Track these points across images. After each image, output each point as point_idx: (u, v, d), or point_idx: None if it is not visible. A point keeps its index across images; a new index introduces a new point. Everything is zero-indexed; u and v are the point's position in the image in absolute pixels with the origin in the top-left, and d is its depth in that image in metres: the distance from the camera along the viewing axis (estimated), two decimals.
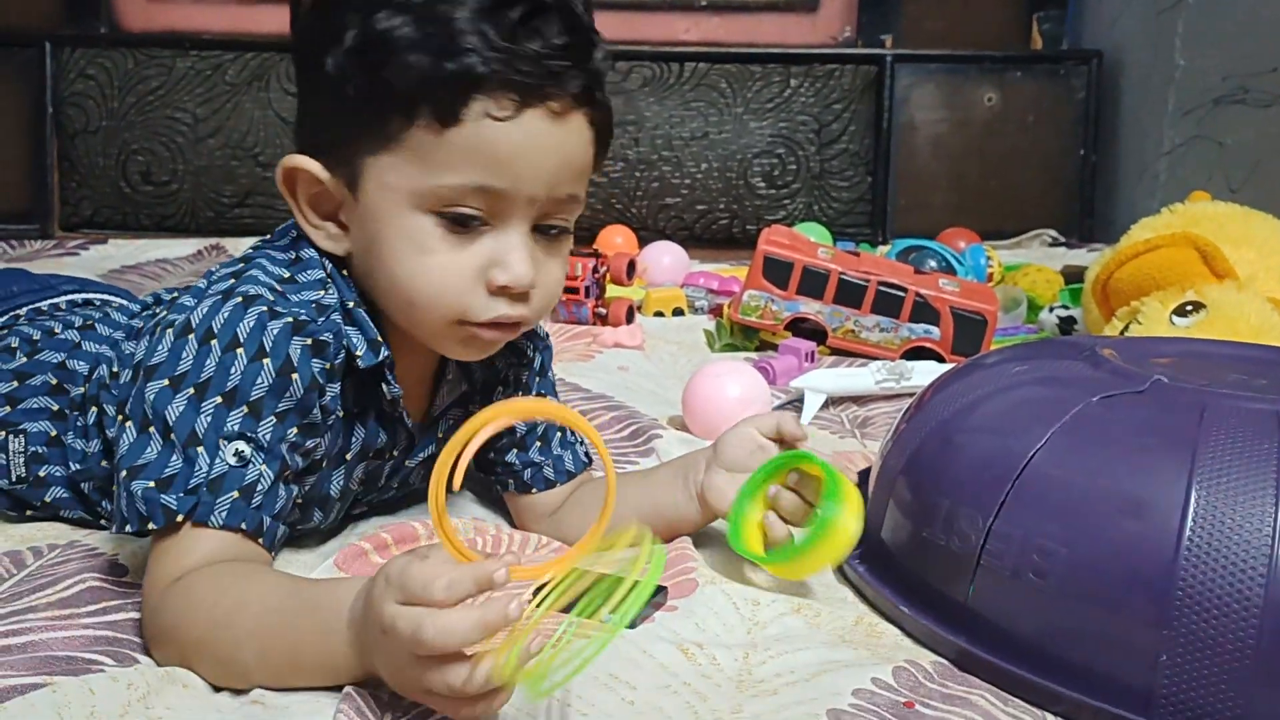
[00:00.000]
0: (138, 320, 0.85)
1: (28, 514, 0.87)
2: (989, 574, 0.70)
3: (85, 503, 0.85)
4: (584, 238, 2.36)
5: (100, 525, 0.85)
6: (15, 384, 0.85)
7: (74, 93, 2.54)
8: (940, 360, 1.53)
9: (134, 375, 0.71)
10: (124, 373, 0.77)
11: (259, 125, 2.55)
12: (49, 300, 0.97)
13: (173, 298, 0.83)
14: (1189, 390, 0.72)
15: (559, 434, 0.91)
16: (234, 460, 0.68)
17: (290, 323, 0.70)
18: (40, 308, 0.96)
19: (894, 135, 2.68)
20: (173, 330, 0.70)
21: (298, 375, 0.70)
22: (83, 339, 0.86)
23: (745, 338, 1.66)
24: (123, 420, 0.70)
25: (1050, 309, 1.75)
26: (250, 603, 0.63)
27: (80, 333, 0.87)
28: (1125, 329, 1.33)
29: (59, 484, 0.85)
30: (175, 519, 0.66)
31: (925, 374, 1.32)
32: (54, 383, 0.84)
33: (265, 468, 0.69)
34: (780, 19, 2.75)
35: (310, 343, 0.70)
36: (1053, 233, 2.65)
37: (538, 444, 0.90)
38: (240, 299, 0.70)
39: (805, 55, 2.68)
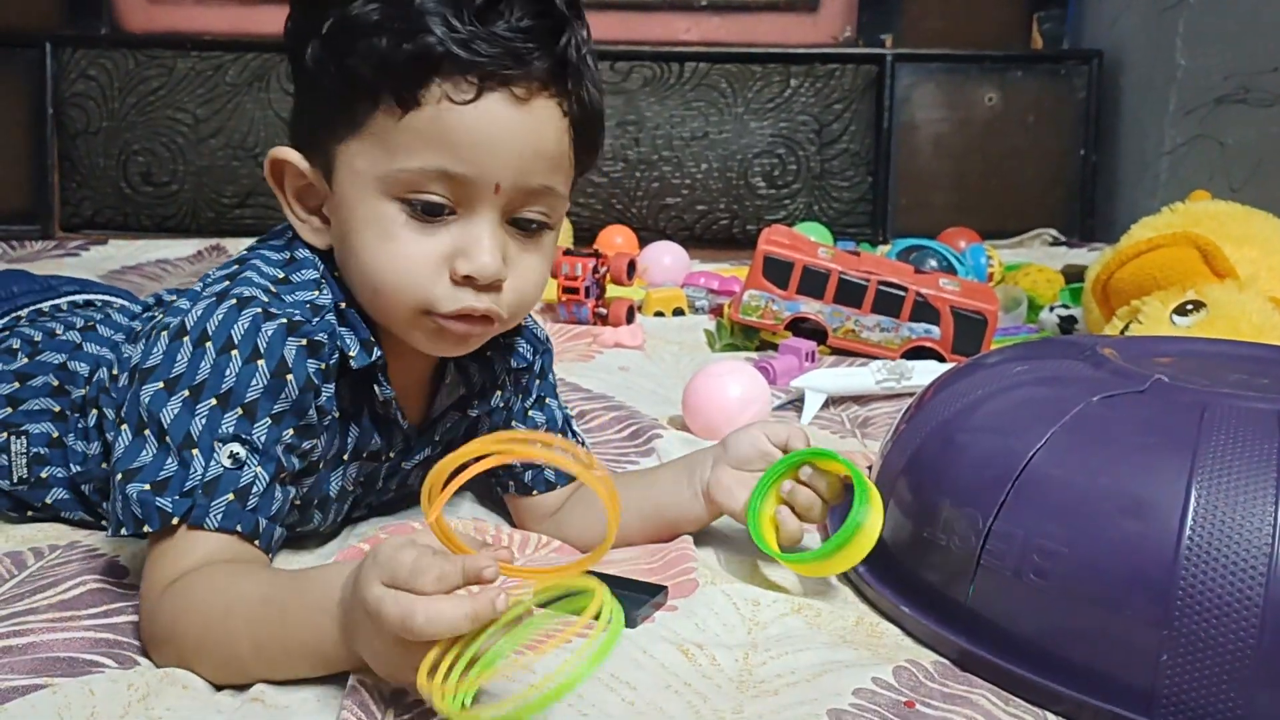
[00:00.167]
0: (138, 322, 0.85)
1: (29, 515, 0.87)
2: (990, 574, 0.70)
3: (86, 504, 0.85)
4: (584, 238, 2.36)
5: (101, 526, 0.85)
6: (17, 385, 0.85)
7: (75, 93, 2.55)
8: (941, 360, 1.53)
9: (129, 378, 0.71)
10: (123, 376, 0.77)
11: (260, 126, 2.55)
12: (50, 301, 0.97)
13: (171, 300, 0.83)
14: (1190, 390, 0.72)
15: (559, 436, 0.91)
16: (229, 462, 0.68)
17: (285, 324, 0.69)
18: (41, 309, 0.96)
19: (894, 135, 2.68)
20: (167, 333, 0.70)
21: (293, 376, 0.69)
22: (84, 340, 0.86)
23: (746, 338, 1.66)
24: (119, 423, 0.70)
25: (1051, 308, 1.75)
26: (244, 596, 0.63)
27: (81, 334, 0.87)
28: (1126, 328, 1.33)
29: (60, 485, 0.85)
30: (171, 522, 0.66)
31: (926, 374, 1.32)
32: (55, 384, 0.84)
33: (261, 470, 0.69)
34: (780, 19, 2.75)
35: (305, 343, 0.70)
36: (1053, 232, 2.65)
37: None
38: (235, 301, 0.69)
39: (806, 55, 2.68)
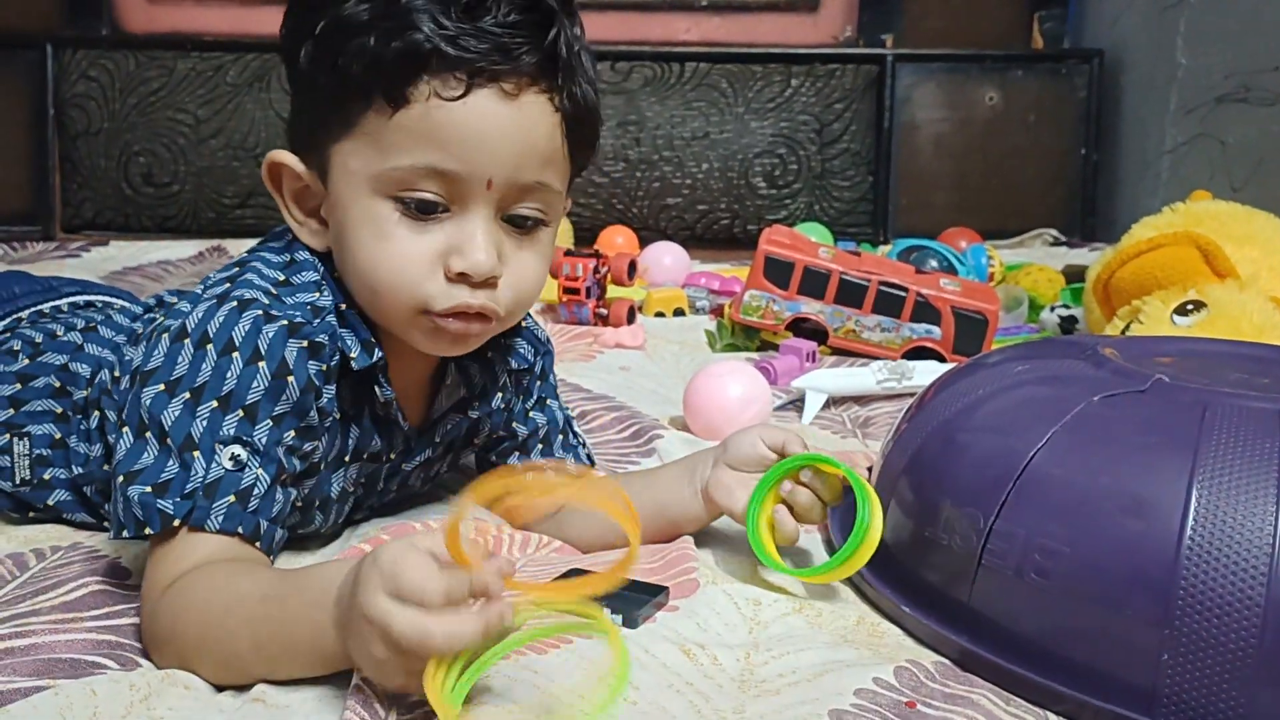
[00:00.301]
0: (139, 324, 0.85)
1: (30, 516, 0.87)
2: (991, 573, 0.70)
3: (88, 506, 0.85)
4: (585, 238, 2.36)
5: (103, 528, 0.85)
6: (19, 386, 0.85)
7: (75, 94, 2.55)
8: (942, 360, 1.53)
9: (131, 380, 0.71)
10: (124, 378, 0.77)
11: (260, 126, 2.56)
12: (51, 302, 0.97)
13: (173, 301, 0.83)
14: (1190, 389, 0.72)
15: (561, 437, 0.91)
16: (230, 464, 0.68)
17: (285, 325, 0.69)
18: (42, 310, 0.96)
19: (895, 135, 2.68)
20: (168, 335, 0.70)
21: (293, 378, 0.69)
22: (85, 341, 0.86)
23: (746, 338, 1.66)
24: (121, 426, 0.70)
25: (1052, 308, 1.75)
26: (244, 595, 0.63)
27: (83, 335, 0.87)
28: (1127, 328, 1.33)
29: (62, 487, 0.85)
30: (172, 524, 0.66)
31: (926, 374, 1.32)
32: (57, 385, 0.84)
33: (262, 471, 0.69)
34: (781, 19, 2.75)
35: (306, 345, 0.70)
36: (1054, 232, 2.65)
37: (540, 447, 0.89)
38: (235, 303, 0.70)
39: (806, 55, 2.68)
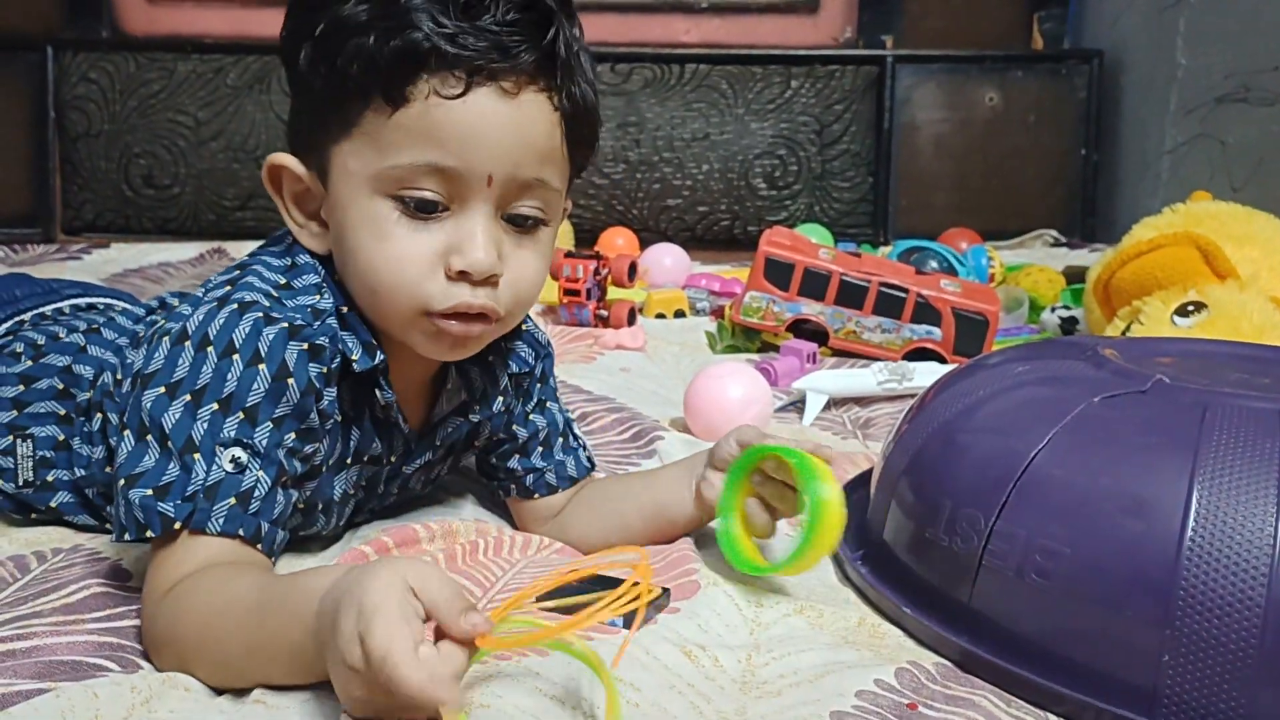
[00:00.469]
0: (141, 326, 0.85)
1: (32, 517, 0.87)
2: (991, 574, 0.70)
3: (90, 508, 0.85)
4: (585, 240, 2.36)
5: (105, 530, 0.85)
6: (22, 388, 0.85)
7: (76, 96, 2.55)
8: (942, 361, 1.53)
9: (132, 383, 0.71)
10: (126, 381, 0.77)
11: (260, 128, 2.56)
12: (53, 305, 0.97)
13: (174, 304, 0.83)
14: (1191, 390, 0.72)
15: (561, 439, 0.91)
16: (230, 467, 0.68)
17: (286, 328, 0.69)
18: (44, 312, 0.96)
19: (895, 136, 2.68)
20: (169, 338, 0.70)
21: (294, 380, 0.69)
22: (88, 343, 0.86)
23: (747, 339, 1.66)
24: (122, 429, 0.70)
25: (1052, 309, 1.76)
26: (238, 598, 0.63)
27: (85, 336, 0.87)
28: (1127, 329, 1.33)
29: (65, 489, 0.85)
30: (173, 526, 0.66)
31: (927, 375, 1.33)
32: (60, 387, 0.84)
33: (262, 473, 0.69)
34: (781, 20, 2.76)
35: (307, 347, 0.70)
36: (1054, 233, 2.65)
37: (540, 449, 0.89)
38: (236, 305, 0.70)
39: (806, 56, 2.68)
